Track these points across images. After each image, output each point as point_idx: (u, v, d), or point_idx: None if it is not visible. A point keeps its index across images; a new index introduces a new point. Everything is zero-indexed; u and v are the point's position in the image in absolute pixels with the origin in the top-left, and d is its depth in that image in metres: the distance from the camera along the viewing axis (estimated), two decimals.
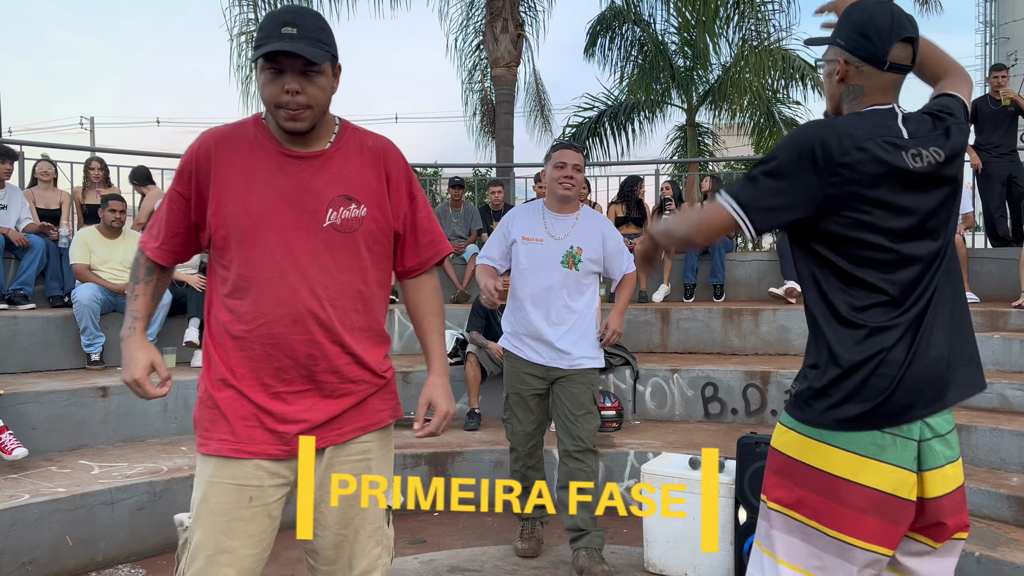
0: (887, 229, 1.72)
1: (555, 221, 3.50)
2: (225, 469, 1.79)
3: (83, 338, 5.65)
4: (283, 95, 1.75)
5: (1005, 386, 4.72)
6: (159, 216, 1.91)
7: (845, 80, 1.85)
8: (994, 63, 7.48)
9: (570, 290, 3.46)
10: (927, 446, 1.71)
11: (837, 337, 1.73)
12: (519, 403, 3.60)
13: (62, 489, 4.01)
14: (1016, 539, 3.60)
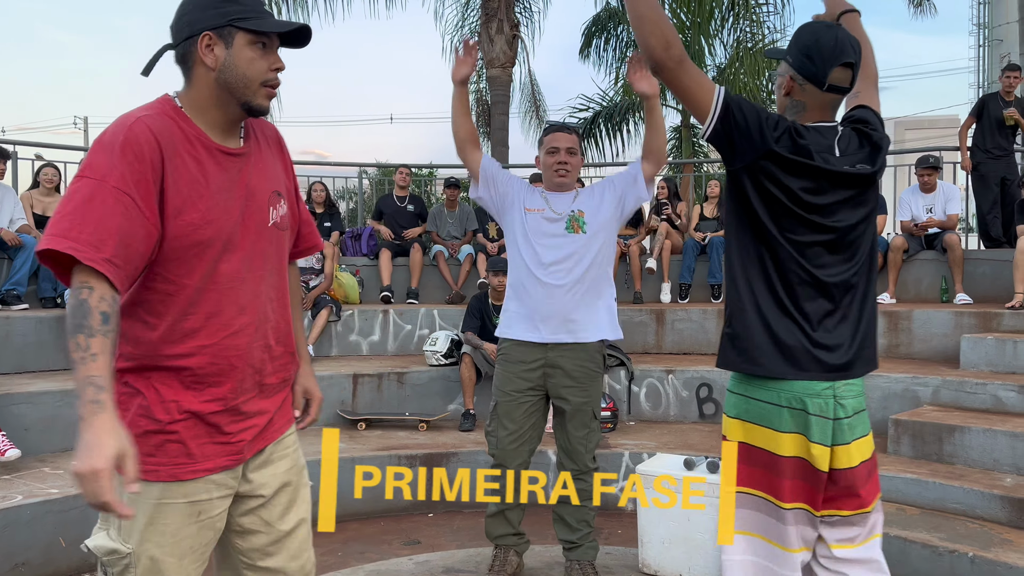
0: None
1: (555, 198, 3.26)
2: (178, 489, 1.65)
3: None
4: (270, 73, 1.66)
5: (998, 387, 4.74)
6: (97, 221, 1.48)
7: (790, 95, 2.05)
8: (1009, 63, 7.45)
9: (576, 258, 3.18)
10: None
11: None
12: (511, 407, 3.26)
13: (55, 490, 3.99)
14: (1010, 540, 3.62)
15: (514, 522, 3.39)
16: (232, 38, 1.62)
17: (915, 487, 4.14)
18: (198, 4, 1.62)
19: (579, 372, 3.21)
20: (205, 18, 1.61)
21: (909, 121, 44.56)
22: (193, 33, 1.61)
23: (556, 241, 3.18)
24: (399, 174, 8.23)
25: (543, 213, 3.22)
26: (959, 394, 4.90)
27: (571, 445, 3.25)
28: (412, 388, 5.94)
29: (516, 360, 3.24)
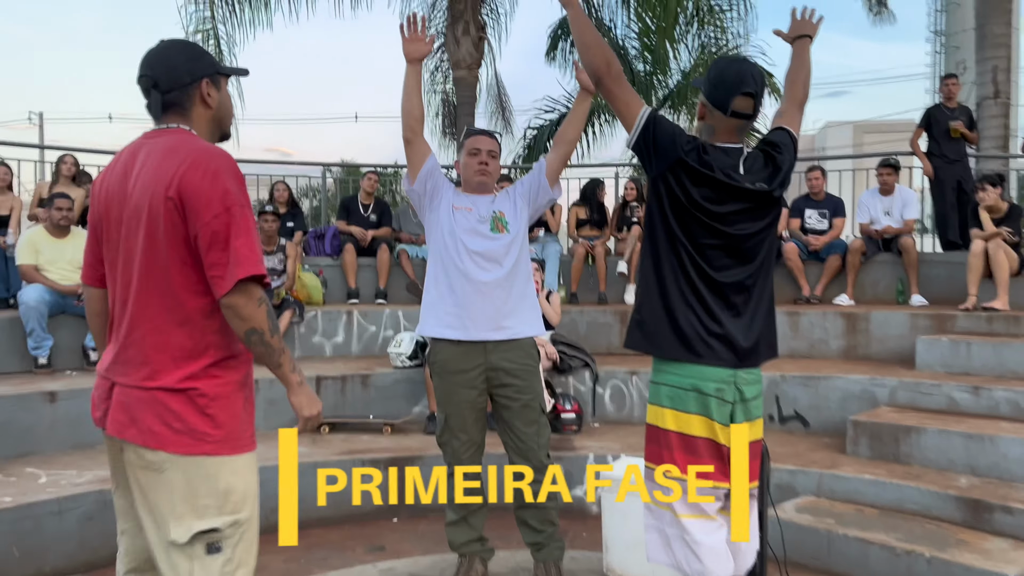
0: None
1: (477, 201, 3.29)
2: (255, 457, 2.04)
3: (30, 341, 5.49)
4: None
5: (953, 388, 4.84)
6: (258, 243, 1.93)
7: (703, 119, 2.37)
8: (946, 72, 7.71)
9: (501, 256, 3.20)
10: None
11: None
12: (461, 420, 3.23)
13: (8, 498, 3.89)
14: (965, 540, 3.69)
15: (477, 527, 3.38)
16: (220, 82, 2.05)
17: (873, 488, 4.21)
18: (190, 55, 2.00)
19: (520, 369, 3.21)
20: (201, 67, 2.00)
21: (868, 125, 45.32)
22: (194, 79, 1.99)
23: (483, 240, 3.20)
24: (367, 179, 8.12)
25: (471, 213, 3.25)
26: (915, 395, 5.00)
27: (524, 443, 3.21)
28: (377, 390, 5.90)
29: (455, 370, 3.20)
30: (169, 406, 1.86)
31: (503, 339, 3.18)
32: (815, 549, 3.89)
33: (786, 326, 6.37)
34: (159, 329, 1.89)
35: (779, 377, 5.55)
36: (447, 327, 3.19)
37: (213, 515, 1.87)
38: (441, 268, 3.23)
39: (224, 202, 1.83)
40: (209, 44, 9.91)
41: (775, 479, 4.47)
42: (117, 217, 1.94)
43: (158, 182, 1.85)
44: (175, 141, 1.91)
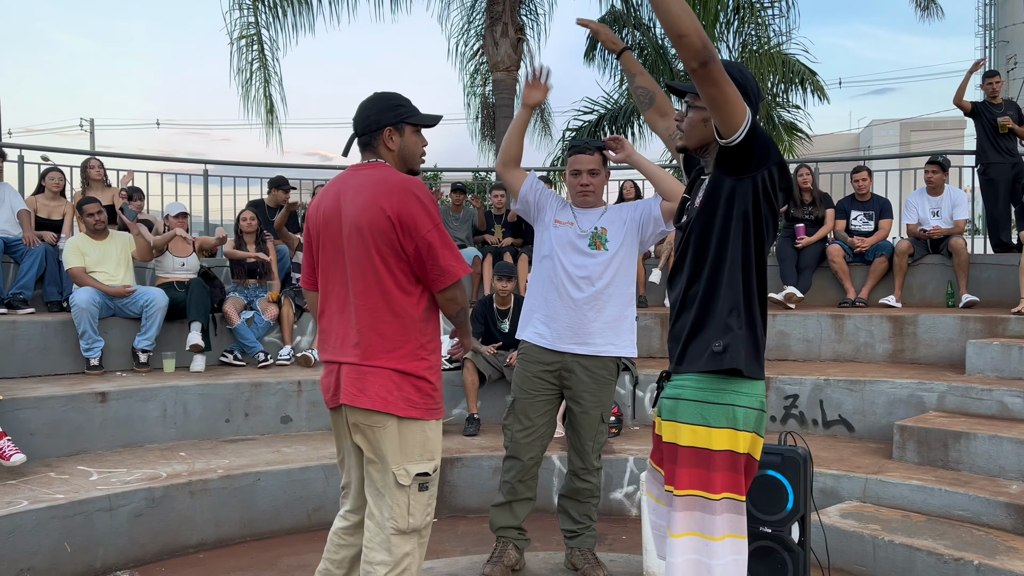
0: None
1: (582, 215, 3.42)
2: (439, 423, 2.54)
3: (82, 342, 5.64)
4: (423, 147, 2.61)
5: (1004, 393, 4.72)
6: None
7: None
8: (988, 69, 7.55)
9: (595, 274, 3.33)
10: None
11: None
12: (527, 405, 3.42)
13: (60, 495, 4.00)
14: (1015, 547, 3.60)
15: (519, 515, 3.52)
16: (403, 130, 2.49)
17: (920, 494, 4.13)
18: (380, 108, 2.48)
19: (592, 378, 3.36)
20: (386, 118, 2.47)
21: (915, 123, 44.39)
22: (379, 127, 2.46)
23: (579, 256, 3.35)
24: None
25: (572, 228, 3.38)
26: (965, 400, 4.88)
27: (580, 444, 3.41)
28: None
29: (534, 360, 3.40)
30: (391, 379, 2.37)
31: (585, 354, 3.35)
32: (860, 555, 3.83)
33: (831, 329, 6.27)
34: (379, 320, 2.37)
35: (823, 381, 5.46)
36: (537, 335, 3.42)
37: (424, 462, 2.41)
38: (538, 280, 3.44)
39: (431, 222, 2.36)
40: (252, 48, 10.10)
41: (819, 484, 4.41)
42: (335, 233, 2.44)
43: (376, 205, 2.34)
44: (383, 174, 2.41)
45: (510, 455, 3.45)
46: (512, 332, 5.87)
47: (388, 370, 2.38)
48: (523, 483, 3.45)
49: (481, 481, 5.03)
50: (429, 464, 2.43)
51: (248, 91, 10.17)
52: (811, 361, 6.28)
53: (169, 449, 5.10)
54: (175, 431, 5.29)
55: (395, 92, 2.53)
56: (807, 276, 6.99)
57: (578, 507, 3.47)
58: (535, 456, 3.43)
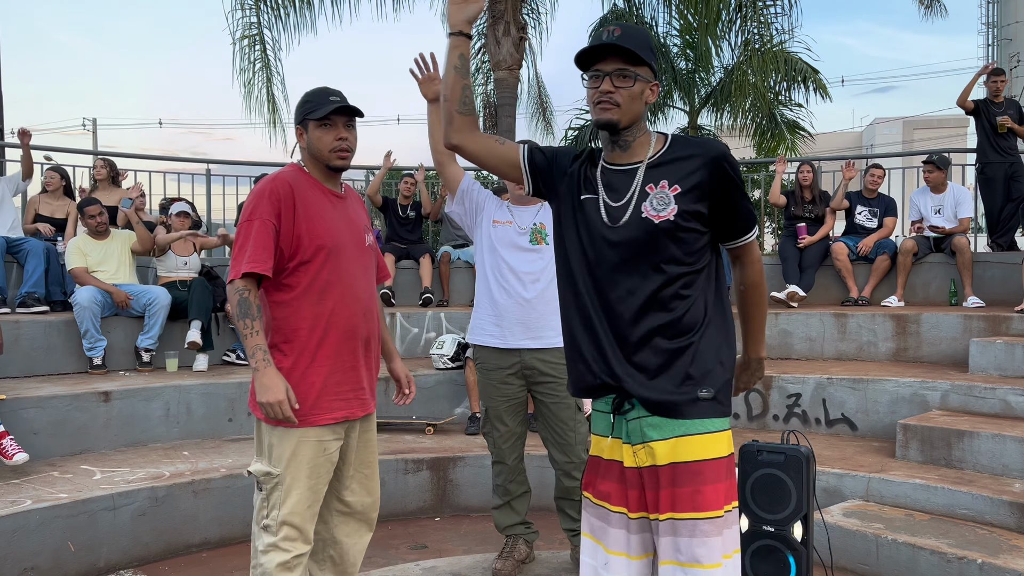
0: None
1: (519, 212, 3.41)
2: (312, 431, 2.54)
3: (84, 342, 5.65)
4: (336, 141, 2.47)
5: (1008, 392, 4.71)
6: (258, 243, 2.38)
7: (647, 102, 1.98)
8: (997, 66, 7.53)
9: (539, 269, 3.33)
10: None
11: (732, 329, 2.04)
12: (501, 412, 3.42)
13: (64, 495, 4.01)
14: (1018, 546, 3.60)
15: (520, 511, 3.56)
16: (307, 127, 2.50)
17: (924, 492, 4.12)
18: (296, 108, 2.55)
19: (553, 369, 3.35)
20: (296, 117, 2.55)
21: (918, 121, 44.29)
22: (296, 124, 2.56)
23: (522, 253, 3.35)
24: (404, 183, 8.18)
25: (510, 227, 3.38)
26: (968, 399, 4.88)
27: (562, 439, 3.38)
28: (419, 391, 5.95)
29: (493, 367, 3.40)
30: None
31: (538, 347, 3.35)
32: (863, 554, 3.82)
33: (834, 328, 6.26)
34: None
35: (826, 380, 5.46)
36: (488, 336, 3.41)
37: (263, 461, 2.49)
38: (484, 281, 3.44)
39: (243, 216, 2.40)
40: (255, 48, 10.10)
41: (822, 483, 4.41)
42: None
43: None
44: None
45: (496, 460, 3.51)
46: None
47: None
48: (514, 482, 3.51)
49: (484, 480, 5.04)
50: (263, 466, 2.45)
51: (251, 91, 10.17)
52: (814, 360, 6.28)
53: (172, 448, 5.11)
54: (178, 430, 5.30)
55: (317, 88, 2.51)
56: (810, 275, 6.98)
57: (575, 505, 3.44)
58: (518, 455, 3.51)
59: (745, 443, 3.22)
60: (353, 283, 2.51)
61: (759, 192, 12.20)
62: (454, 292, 7.72)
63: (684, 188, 1.89)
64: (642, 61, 1.92)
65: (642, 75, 1.93)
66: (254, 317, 2.33)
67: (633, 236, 1.90)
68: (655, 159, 1.95)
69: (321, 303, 2.44)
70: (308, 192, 2.48)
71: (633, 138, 1.97)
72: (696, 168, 1.90)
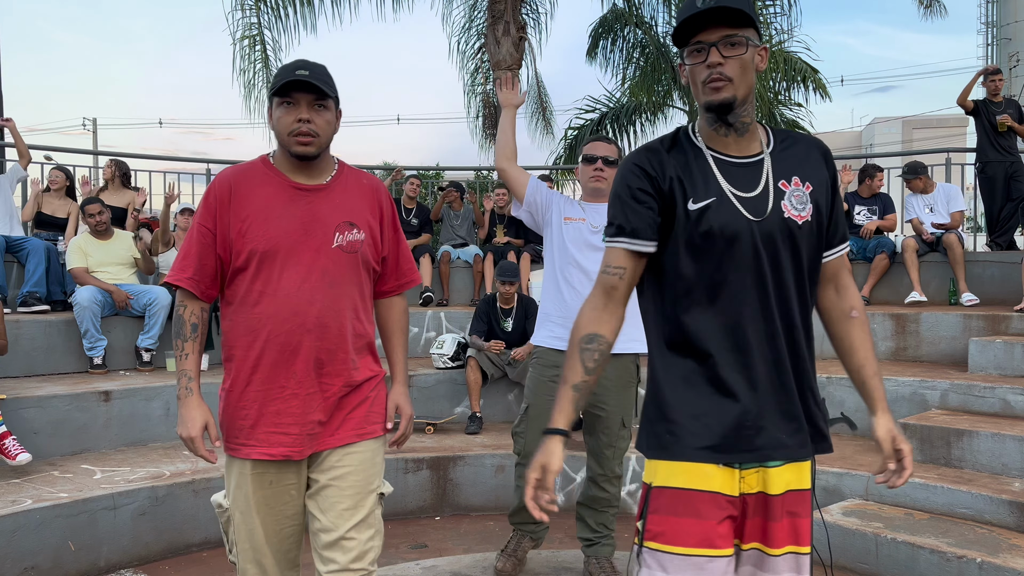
0: None
1: (593, 210, 3.30)
2: (249, 464, 2.26)
3: (85, 341, 5.65)
4: (296, 123, 2.03)
5: (1007, 391, 4.71)
6: (186, 251, 2.14)
7: (758, 69, 1.66)
8: (991, 68, 7.56)
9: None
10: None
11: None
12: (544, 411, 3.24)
13: (64, 494, 4.01)
14: (1018, 545, 3.60)
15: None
16: (272, 104, 2.10)
17: (923, 492, 4.13)
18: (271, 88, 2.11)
19: (613, 382, 3.26)
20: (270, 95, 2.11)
21: (917, 120, 44.31)
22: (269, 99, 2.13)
23: (595, 252, 3.24)
24: (409, 184, 8.16)
25: (583, 224, 3.28)
26: (967, 398, 4.88)
27: (600, 450, 3.31)
28: (419, 391, 5.95)
29: (550, 364, 3.27)
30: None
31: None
32: (863, 553, 3.83)
33: None
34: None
35: (825, 379, 5.46)
36: (553, 338, 3.29)
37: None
38: (552, 281, 3.33)
39: (196, 215, 2.15)
40: (255, 49, 10.11)
41: (821, 482, 4.41)
42: None
43: None
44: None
45: (522, 462, 3.37)
46: (515, 331, 5.88)
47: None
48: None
49: (484, 479, 5.04)
50: (223, 499, 2.28)
51: (251, 91, 10.19)
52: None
53: (172, 448, 5.11)
54: None
55: (293, 60, 2.10)
56: None
57: (595, 516, 3.39)
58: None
59: None
60: (293, 293, 2.05)
61: None
62: (454, 292, 7.73)
63: (814, 185, 1.69)
64: (748, 21, 1.60)
65: (752, 38, 1.62)
66: (186, 337, 2.10)
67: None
68: (773, 149, 1.70)
69: (254, 317, 2.07)
70: (256, 188, 2.09)
71: (750, 119, 1.68)
72: (820, 163, 1.71)
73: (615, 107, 14.73)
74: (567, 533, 4.45)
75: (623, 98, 14.79)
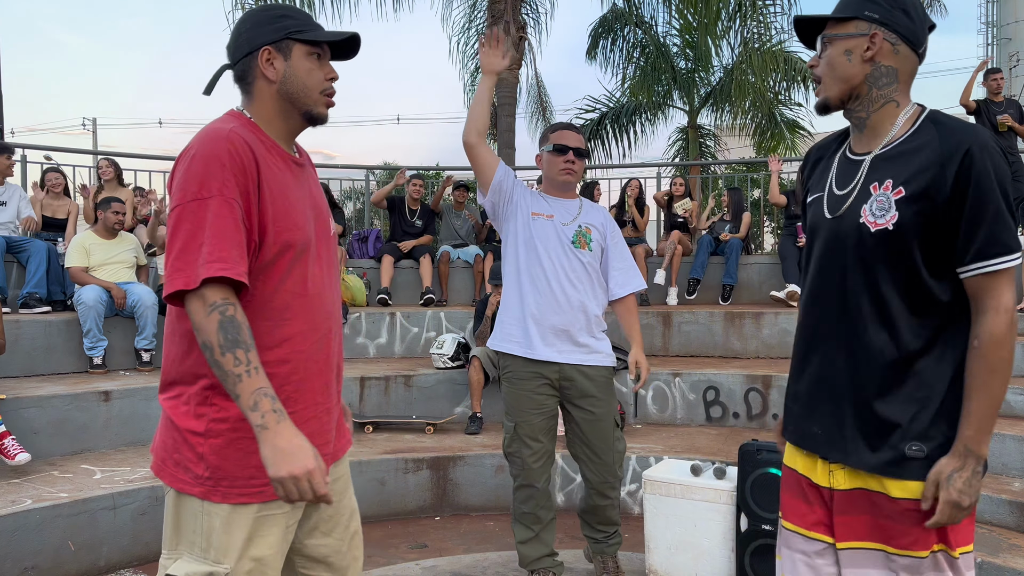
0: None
1: (560, 205, 3.13)
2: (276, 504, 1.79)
3: (86, 341, 5.65)
4: (326, 81, 1.71)
5: (1007, 391, 4.71)
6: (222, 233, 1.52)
7: (876, 59, 1.61)
8: (990, 67, 7.56)
9: (581, 273, 3.09)
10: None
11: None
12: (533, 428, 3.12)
13: (64, 494, 4.01)
14: (1017, 545, 3.60)
15: (549, 541, 3.28)
16: (290, 50, 1.67)
17: None
18: (255, 22, 1.67)
19: (595, 385, 3.15)
20: (263, 34, 1.66)
21: None
22: (252, 49, 1.67)
23: (567, 252, 3.09)
24: (412, 185, 8.15)
25: (551, 221, 3.11)
26: None
27: (598, 456, 3.18)
28: (419, 391, 5.95)
29: (527, 377, 3.12)
30: (168, 430, 1.63)
31: (579, 364, 3.12)
32: None
33: None
34: (169, 340, 1.67)
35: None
36: (515, 343, 3.12)
37: (201, 560, 1.60)
38: (515, 281, 3.13)
39: (182, 196, 1.53)
40: None
41: None
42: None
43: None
44: (204, 128, 1.60)
45: (523, 484, 3.17)
46: None
47: (166, 415, 1.64)
48: (543, 507, 3.21)
49: (483, 479, 5.04)
50: (211, 566, 1.58)
51: None
52: None
53: None
54: None
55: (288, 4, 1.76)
56: None
57: (600, 518, 3.34)
58: (548, 477, 3.20)
59: (745, 443, 3.23)
60: (324, 293, 1.72)
61: (759, 192, 12.20)
62: (453, 292, 7.73)
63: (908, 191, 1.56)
64: (844, 18, 1.63)
65: (842, 32, 1.62)
66: (248, 346, 1.48)
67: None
68: (892, 146, 1.62)
69: (284, 323, 1.64)
70: (268, 159, 1.65)
71: (867, 114, 1.64)
72: (934, 164, 1.54)
73: (615, 107, 14.74)
74: (567, 533, 4.45)
75: (623, 98, 14.80)
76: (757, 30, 11.25)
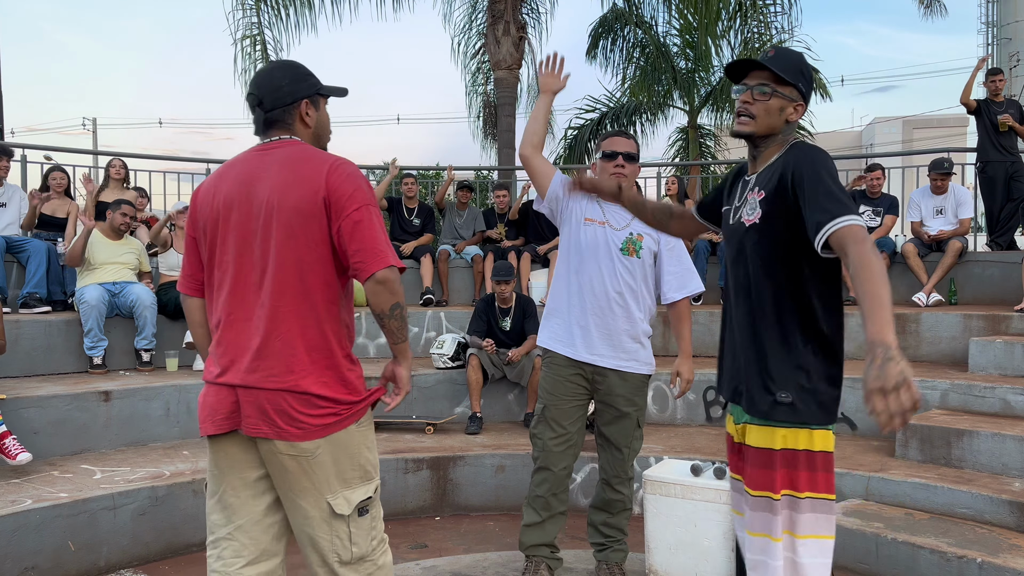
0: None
1: (613, 210, 3.21)
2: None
3: (86, 340, 5.65)
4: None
5: (1007, 391, 4.71)
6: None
7: (790, 121, 2.11)
8: (991, 68, 7.56)
9: (628, 280, 3.17)
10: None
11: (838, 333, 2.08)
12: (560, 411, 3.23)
13: (64, 494, 4.01)
14: (1018, 545, 3.60)
15: (551, 533, 3.34)
16: (319, 103, 2.17)
17: (923, 492, 4.13)
18: (292, 77, 2.12)
19: (627, 382, 3.22)
20: (301, 89, 2.12)
21: (917, 120, 44.27)
22: (294, 100, 2.12)
23: (614, 260, 3.17)
24: (404, 184, 8.14)
25: (604, 227, 3.20)
26: (968, 398, 4.88)
27: (615, 451, 3.28)
28: (419, 391, 5.95)
29: (565, 365, 3.24)
30: (314, 402, 2.00)
31: (615, 368, 3.19)
32: (863, 553, 3.83)
33: None
34: (300, 332, 2.00)
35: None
36: (559, 342, 3.24)
37: (364, 484, 2.10)
38: (564, 284, 3.25)
39: (364, 199, 2.00)
40: (256, 49, 10.11)
41: None
42: (244, 222, 2.03)
43: (302, 186, 1.98)
44: (303, 151, 2.06)
45: (541, 467, 3.25)
46: (513, 331, 5.87)
47: (309, 395, 2.00)
48: (556, 496, 3.27)
49: (483, 479, 5.04)
50: (370, 485, 2.10)
51: None
52: None
53: (172, 448, 5.11)
54: (178, 430, 5.31)
55: (296, 61, 2.19)
56: None
57: (609, 519, 3.37)
58: (568, 466, 3.26)
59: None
60: None
61: None
62: (453, 291, 7.73)
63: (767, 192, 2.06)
64: (786, 81, 2.06)
65: (783, 93, 2.07)
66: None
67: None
68: (763, 170, 2.12)
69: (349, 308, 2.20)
70: None
71: (765, 147, 2.13)
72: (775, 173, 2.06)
73: (615, 107, 14.73)
74: (567, 533, 4.45)
75: (623, 98, 14.79)
76: (757, 30, 11.24)
